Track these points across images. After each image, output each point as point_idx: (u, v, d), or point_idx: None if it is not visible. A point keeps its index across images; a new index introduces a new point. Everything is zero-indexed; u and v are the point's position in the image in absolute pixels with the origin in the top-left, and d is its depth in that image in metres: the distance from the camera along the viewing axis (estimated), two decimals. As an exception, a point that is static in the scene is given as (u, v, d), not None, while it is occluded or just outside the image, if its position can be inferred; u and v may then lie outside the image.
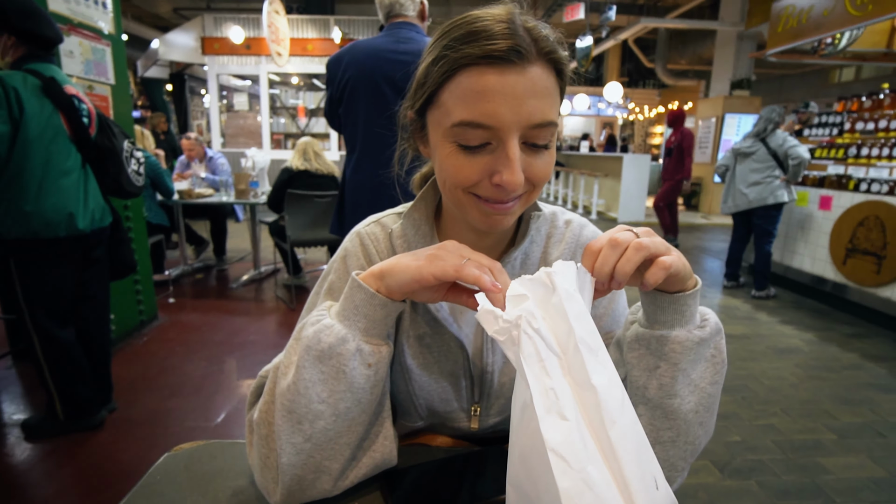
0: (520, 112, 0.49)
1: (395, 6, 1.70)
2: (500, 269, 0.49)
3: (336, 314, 0.53)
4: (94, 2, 2.43)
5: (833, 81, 11.81)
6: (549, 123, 0.51)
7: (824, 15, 4.78)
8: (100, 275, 2.00)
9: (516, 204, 0.55)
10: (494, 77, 0.48)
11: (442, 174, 0.56)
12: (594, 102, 13.34)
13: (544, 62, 0.51)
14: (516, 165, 0.50)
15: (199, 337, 2.91)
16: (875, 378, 2.62)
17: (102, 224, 1.90)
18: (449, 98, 0.51)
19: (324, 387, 0.50)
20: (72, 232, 1.76)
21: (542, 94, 0.50)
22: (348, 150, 1.82)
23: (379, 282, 0.51)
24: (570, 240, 0.68)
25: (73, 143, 1.76)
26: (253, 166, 3.98)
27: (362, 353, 0.51)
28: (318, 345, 0.50)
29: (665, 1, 10.07)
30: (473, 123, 0.50)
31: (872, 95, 3.98)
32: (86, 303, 1.96)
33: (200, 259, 4.56)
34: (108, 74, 2.53)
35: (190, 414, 2.11)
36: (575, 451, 0.38)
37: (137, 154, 2.00)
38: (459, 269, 0.47)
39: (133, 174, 1.95)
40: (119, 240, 2.05)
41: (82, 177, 1.80)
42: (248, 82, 8.47)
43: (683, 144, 5.47)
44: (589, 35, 7.92)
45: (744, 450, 1.96)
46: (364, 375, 0.51)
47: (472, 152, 0.52)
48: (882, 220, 3.38)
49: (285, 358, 0.54)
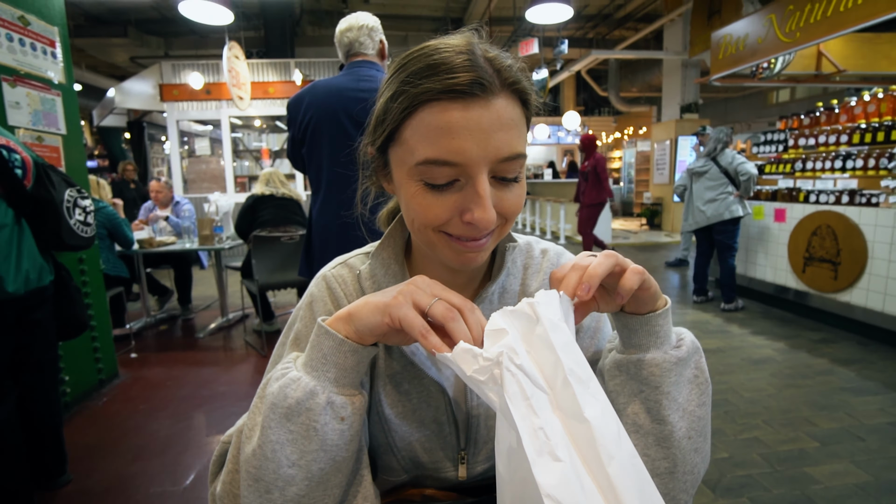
0: (487, 147, 0.47)
1: (354, 45, 1.72)
2: (472, 308, 0.46)
3: (303, 365, 0.48)
4: (42, 52, 2.37)
5: (772, 102, 12.64)
6: (518, 156, 0.50)
7: (759, 42, 5.14)
8: (43, 338, 1.82)
9: (489, 239, 0.53)
10: (458, 112, 0.46)
11: (409, 213, 0.53)
12: (554, 131, 13.81)
13: (509, 93, 0.49)
14: (487, 202, 0.48)
15: (164, 393, 2.74)
16: (846, 382, 2.69)
17: (41, 283, 1.73)
18: (411, 136, 0.49)
19: (293, 448, 0.45)
20: (1, 296, 1.58)
21: (508, 126, 0.48)
22: (313, 190, 1.80)
23: (347, 326, 0.47)
24: (549, 269, 0.67)
25: (4, 198, 1.60)
26: (217, 211, 3.89)
27: (334, 406, 0.46)
28: (284, 401, 0.45)
29: (613, 34, 10.67)
30: (439, 161, 0.47)
31: (810, 113, 4.25)
32: (27, 370, 1.77)
33: (164, 310, 4.37)
34: (59, 124, 2.44)
35: (155, 478, 1.95)
36: (572, 492, 0.35)
37: (84, 203, 1.85)
38: (423, 335, 0.44)
39: (78, 225, 1.80)
40: (66, 297, 1.89)
41: (15, 234, 1.64)
42: (210, 127, 8.39)
43: (598, 168, 5.73)
44: (544, 68, 8.26)
45: (732, 466, 1.95)
46: (337, 431, 0.47)
47: (440, 190, 0.49)
48: (833, 229, 3.55)
49: (249, 419, 0.49)
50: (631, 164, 13.29)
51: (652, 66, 9.83)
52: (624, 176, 13.69)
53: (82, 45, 9.01)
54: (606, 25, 10.50)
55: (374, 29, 1.74)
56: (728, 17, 6.31)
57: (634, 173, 13.05)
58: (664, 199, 9.45)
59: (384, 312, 0.45)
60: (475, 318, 0.45)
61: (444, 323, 0.44)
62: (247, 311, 4.27)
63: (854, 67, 6.23)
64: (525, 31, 8.42)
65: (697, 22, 7.34)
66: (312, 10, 9.13)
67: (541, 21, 5.20)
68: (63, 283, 1.88)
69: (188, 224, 3.97)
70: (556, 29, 8.98)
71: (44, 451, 1.84)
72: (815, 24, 4.41)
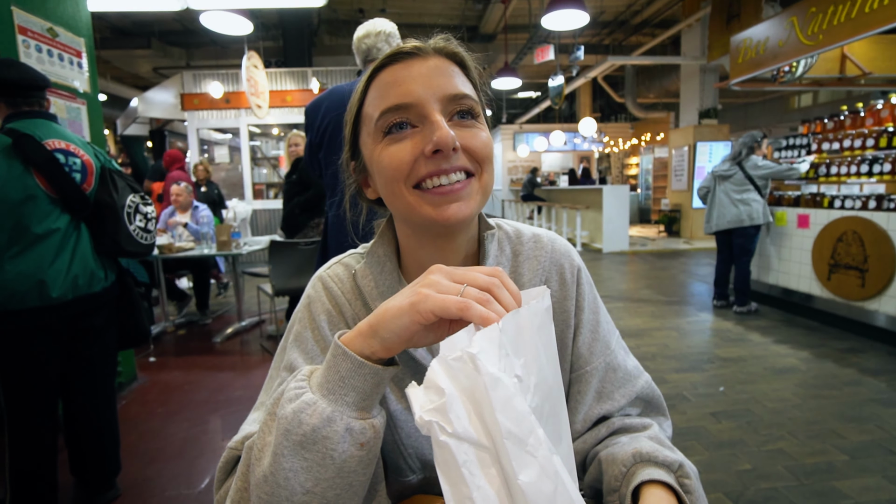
0: (431, 85, 0.52)
1: (372, 51, 1.73)
2: (499, 285, 0.43)
3: (318, 387, 0.45)
4: (69, 62, 2.44)
5: (793, 107, 12.39)
6: (466, 95, 0.54)
7: (780, 45, 5.05)
8: (100, 345, 1.76)
9: (466, 186, 0.53)
10: (400, 67, 0.54)
11: (383, 178, 0.54)
12: (570, 138, 13.74)
13: (442, 55, 0.56)
14: (443, 124, 0.51)
15: (182, 397, 2.77)
16: (876, 393, 2.59)
17: (91, 290, 1.67)
18: (369, 105, 0.56)
19: (308, 476, 0.43)
20: (45, 302, 1.54)
21: (448, 74, 0.54)
22: (329, 194, 1.81)
23: (371, 339, 0.44)
24: (544, 256, 0.65)
25: (59, 203, 1.59)
26: (234, 217, 3.95)
27: (353, 433, 0.44)
28: (298, 427, 0.43)
29: (630, 40, 10.61)
30: (392, 108, 0.52)
31: (834, 117, 4.15)
32: (81, 378, 1.73)
33: (183, 314, 4.43)
34: (84, 132, 2.51)
35: (171, 481, 1.97)
36: None
37: (146, 209, 1.80)
38: (464, 309, 0.41)
39: (138, 231, 1.75)
40: (129, 304, 1.83)
41: (70, 239, 1.61)
42: (229, 135, 8.55)
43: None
44: (560, 74, 8.24)
45: (756, 478, 1.88)
46: (356, 458, 0.44)
47: (401, 137, 0.53)
48: (860, 235, 3.45)
49: (259, 437, 0.46)
50: (648, 170, 13.15)
51: (669, 72, 9.74)
52: (641, 182, 13.54)
53: (108, 56, 9.30)
54: (623, 31, 10.45)
55: (391, 35, 1.75)
56: (747, 20, 6.22)
57: (652, 180, 12.91)
58: (682, 206, 9.31)
59: (410, 312, 0.42)
60: (504, 295, 0.43)
61: (482, 303, 0.42)
62: (263, 316, 4.31)
63: (880, 70, 6.08)
64: (541, 38, 8.42)
65: (716, 26, 7.25)
66: (330, 19, 9.28)
67: (556, 28, 5.20)
68: (128, 289, 1.83)
69: (206, 230, 4.03)
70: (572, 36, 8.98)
71: (90, 464, 1.79)
72: (839, 26, 4.31)
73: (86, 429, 1.78)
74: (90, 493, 1.82)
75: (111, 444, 1.85)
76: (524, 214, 11.37)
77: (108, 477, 1.85)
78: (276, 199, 7.47)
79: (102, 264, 1.73)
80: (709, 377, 2.86)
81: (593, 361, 0.63)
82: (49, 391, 1.64)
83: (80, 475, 1.82)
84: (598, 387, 0.63)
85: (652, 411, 0.66)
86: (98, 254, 1.72)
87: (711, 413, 2.42)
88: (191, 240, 4.01)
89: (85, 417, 1.77)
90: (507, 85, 7.93)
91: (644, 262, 7.01)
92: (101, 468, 1.83)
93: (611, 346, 0.65)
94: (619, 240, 8.05)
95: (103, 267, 1.73)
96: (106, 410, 1.83)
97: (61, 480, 1.76)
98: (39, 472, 1.62)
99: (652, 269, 6.33)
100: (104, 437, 1.82)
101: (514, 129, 14.04)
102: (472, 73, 0.57)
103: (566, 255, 0.66)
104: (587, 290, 0.66)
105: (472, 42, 10.30)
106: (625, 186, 8.26)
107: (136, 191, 1.79)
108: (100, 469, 1.82)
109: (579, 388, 0.63)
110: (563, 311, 0.64)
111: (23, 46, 2.16)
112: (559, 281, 0.65)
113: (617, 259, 7.32)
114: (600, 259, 7.34)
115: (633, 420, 0.62)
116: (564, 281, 0.65)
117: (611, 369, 0.63)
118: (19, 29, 2.15)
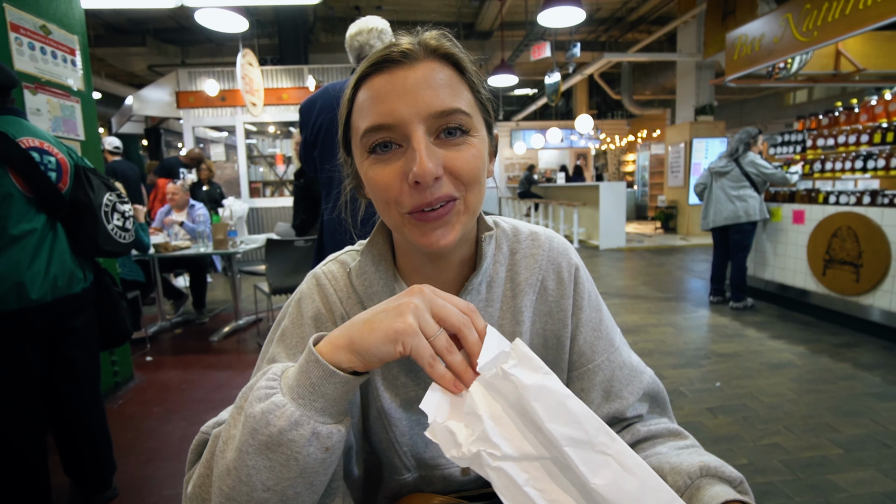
0: (416, 103, 0.49)
1: (364, 47, 1.73)
2: (472, 318, 0.46)
3: (289, 389, 0.45)
4: (62, 60, 2.42)
5: (788, 103, 12.42)
6: (455, 111, 0.50)
7: (775, 42, 5.06)
8: (82, 346, 1.74)
9: (450, 211, 0.51)
10: (384, 79, 0.50)
11: (372, 196, 0.54)
12: (566, 135, 13.74)
13: (434, 57, 0.51)
14: (423, 154, 0.48)
15: (179, 396, 2.77)
16: (870, 387, 2.61)
17: (71, 291, 1.64)
18: (356, 117, 0.53)
19: (270, 475, 0.43)
20: (24, 304, 1.50)
21: (437, 85, 0.50)
22: (325, 192, 1.80)
23: (349, 355, 0.44)
24: (541, 255, 0.64)
25: (35, 203, 1.55)
26: (231, 215, 3.93)
27: (319, 437, 0.44)
28: (265, 428, 0.42)
29: (626, 37, 10.61)
30: (374, 127, 0.50)
31: (828, 113, 4.17)
32: (65, 380, 1.70)
33: (179, 314, 4.42)
34: (78, 131, 2.49)
35: (168, 481, 1.96)
36: None
37: (123, 208, 1.77)
38: (430, 367, 0.43)
39: (116, 230, 1.72)
40: (109, 304, 1.81)
41: (46, 239, 1.57)
42: (225, 133, 8.51)
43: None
44: (556, 71, 8.24)
45: (752, 473, 1.90)
46: (320, 460, 0.44)
47: (386, 160, 0.51)
48: (854, 230, 3.46)
49: (226, 429, 0.46)
50: (645, 167, 13.17)
51: (665, 69, 9.74)
52: (638, 179, 13.56)
53: (102, 54, 9.23)
54: (619, 28, 10.46)
55: (383, 31, 1.74)
56: (743, 17, 6.23)
57: (648, 176, 12.93)
58: (679, 203, 9.33)
59: (396, 341, 0.43)
60: (472, 335, 0.45)
61: (443, 356, 0.44)
62: (260, 314, 4.30)
63: (874, 66, 6.10)
64: (537, 34, 8.42)
65: (711, 23, 7.26)
66: (326, 17, 9.24)
67: (553, 25, 5.20)
68: (106, 289, 1.81)
69: (203, 228, 4.01)
70: (568, 32, 8.98)
71: (84, 465, 1.77)
72: (834, 23, 4.33)
73: (76, 430, 1.75)
74: (87, 494, 1.82)
75: (103, 444, 1.84)
76: (521, 211, 11.37)
77: (104, 477, 1.84)
78: (273, 196, 7.45)
79: (81, 264, 1.70)
80: (705, 373, 2.88)
81: (596, 359, 0.63)
82: (33, 394, 1.60)
83: (74, 476, 1.81)
84: (604, 385, 0.62)
85: (657, 408, 0.65)
86: (75, 254, 1.68)
87: (708, 408, 2.43)
88: (187, 238, 4.00)
89: (74, 419, 1.75)
90: (503, 82, 7.92)
91: (641, 258, 7.03)
92: (97, 468, 1.81)
93: (615, 343, 0.64)
94: (615, 236, 8.06)
95: (82, 267, 1.70)
96: (93, 411, 1.81)
97: (58, 482, 1.76)
98: (30, 474, 1.59)
99: (648, 266, 6.35)
100: (96, 438, 1.80)
101: (511, 127, 14.03)
102: (468, 73, 0.54)
103: (564, 254, 0.66)
104: (586, 289, 0.65)
105: (468, 39, 10.29)
106: (621, 183, 8.27)
107: (111, 189, 1.75)
108: (95, 469, 1.81)
109: (582, 386, 0.63)
110: (559, 310, 0.64)
111: (15, 44, 2.15)
112: (556, 280, 0.64)
113: (614, 255, 7.34)
114: (597, 256, 7.36)
115: (658, 426, 0.61)
116: (562, 280, 0.64)
117: (618, 367, 0.63)
118: (11, 26, 2.13)
